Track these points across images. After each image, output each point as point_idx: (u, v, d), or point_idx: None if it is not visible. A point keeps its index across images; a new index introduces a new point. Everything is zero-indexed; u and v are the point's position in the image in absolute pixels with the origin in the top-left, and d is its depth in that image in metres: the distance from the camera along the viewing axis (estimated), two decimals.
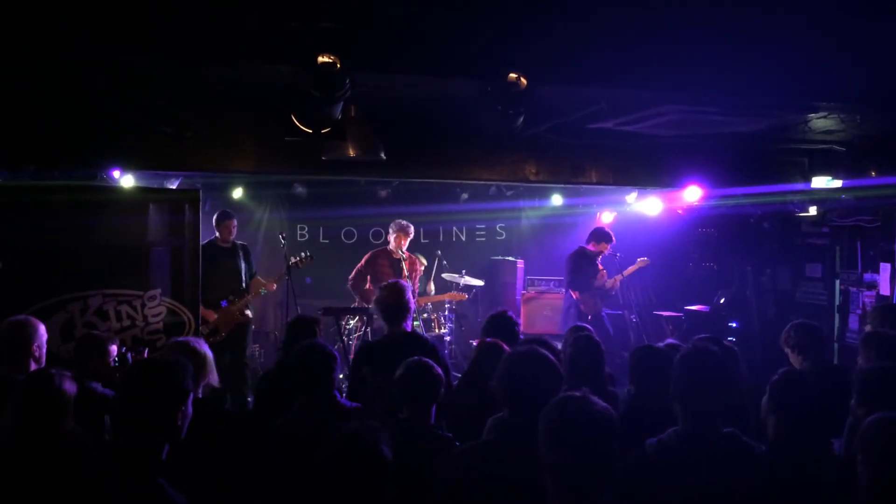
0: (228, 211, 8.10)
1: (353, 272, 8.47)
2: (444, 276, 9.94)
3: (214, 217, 7.94)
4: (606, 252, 8.99)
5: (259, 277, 8.18)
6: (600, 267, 9.03)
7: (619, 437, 2.39)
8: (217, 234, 7.88)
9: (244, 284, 7.88)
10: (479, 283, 10.21)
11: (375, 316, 6.14)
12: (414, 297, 8.27)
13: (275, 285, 8.06)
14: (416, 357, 3.79)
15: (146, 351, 5.31)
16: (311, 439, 3.19)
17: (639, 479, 2.75)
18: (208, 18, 4.66)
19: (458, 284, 9.90)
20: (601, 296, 8.97)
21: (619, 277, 8.96)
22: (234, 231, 7.97)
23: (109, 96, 5.88)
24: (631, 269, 9.08)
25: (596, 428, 2.35)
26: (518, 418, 3.03)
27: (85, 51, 4.73)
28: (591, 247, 8.95)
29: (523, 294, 10.56)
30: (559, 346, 4.84)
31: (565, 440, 2.35)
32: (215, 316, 7.56)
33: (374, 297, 7.33)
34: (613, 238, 8.99)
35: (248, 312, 7.93)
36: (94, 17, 4.51)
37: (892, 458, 2.75)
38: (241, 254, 7.95)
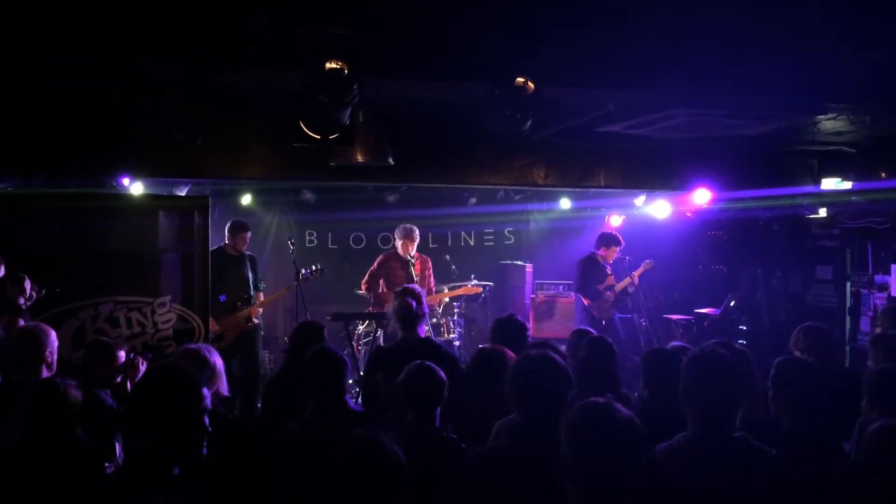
0: (244, 221, 8.09)
1: (367, 275, 8.52)
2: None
3: (228, 225, 7.93)
4: (616, 255, 8.99)
5: (261, 294, 8.12)
6: (609, 272, 9.02)
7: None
8: (228, 242, 7.87)
9: (251, 293, 7.89)
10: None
11: (387, 321, 6.16)
12: (431, 293, 8.34)
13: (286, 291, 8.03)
14: (418, 361, 3.81)
15: (150, 356, 5.31)
16: (324, 444, 3.20)
17: (649, 484, 2.74)
18: (217, 25, 4.69)
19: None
20: (614, 300, 8.96)
21: (628, 280, 8.93)
22: (248, 242, 7.99)
23: (120, 104, 5.92)
24: (638, 272, 9.06)
25: (621, 433, 2.36)
26: (530, 421, 3.04)
27: (95, 58, 4.76)
28: (601, 252, 8.97)
29: (532, 298, 10.55)
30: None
31: (590, 445, 2.36)
32: (216, 327, 7.50)
33: (388, 299, 7.39)
34: (621, 240, 8.99)
35: (256, 320, 7.93)
36: (104, 25, 4.54)
37: None
38: (248, 264, 7.96)
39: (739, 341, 9.06)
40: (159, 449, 2.47)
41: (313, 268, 8.23)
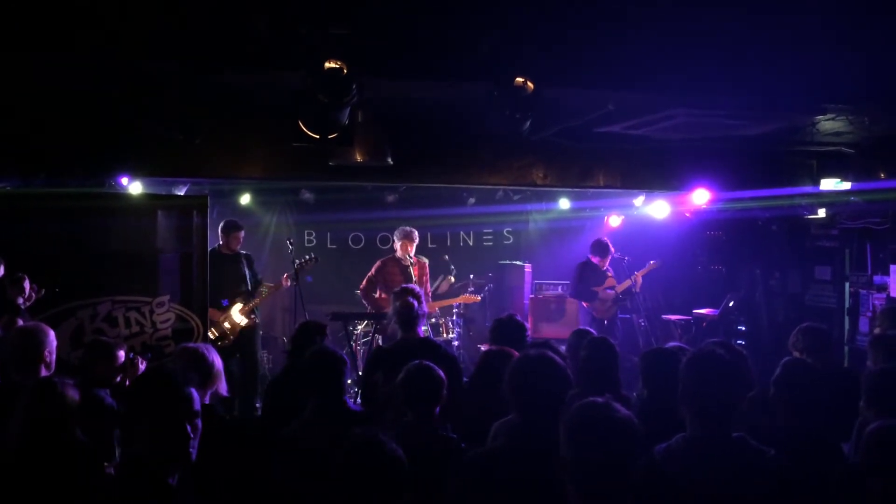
0: (237, 221, 8.07)
1: (364, 281, 8.38)
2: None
3: (221, 225, 7.90)
4: (609, 262, 9.03)
5: (263, 291, 8.14)
6: (609, 273, 9.04)
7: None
8: (222, 242, 7.86)
9: (250, 289, 7.89)
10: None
11: (387, 321, 6.15)
12: (427, 300, 8.32)
13: (288, 282, 8.02)
14: (416, 360, 3.81)
15: (149, 356, 5.31)
16: (324, 444, 3.20)
17: (648, 485, 2.74)
18: (217, 25, 4.69)
19: (468, 286, 9.93)
20: (615, 300, 8.98)
21: (629, 281, 8.94)
22: (241, 241, 7.99)
23: (120, 104, 5.92)
24: (642, 272, 9.07)
25: (620, 434, 2.37)
26: (529, 422, 3.04)
27: (95, 58, 4.76)
28: (595, 259, 9.01)
29: (531, 298, 10.56)
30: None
31: (590, 445, 2.37)
32: (221, 315, 7.54)
33: (386, 305, 7.39)
34: (611, 247, 9.06)
35: (254, 317, 7.92)
36: (104, 25, 4.54)
37: None
38: (244, 262, 7.96)
39: (738, 342, 9.08)
40: (149, 451, 2.47)
41: (307, 257, 8.22)
